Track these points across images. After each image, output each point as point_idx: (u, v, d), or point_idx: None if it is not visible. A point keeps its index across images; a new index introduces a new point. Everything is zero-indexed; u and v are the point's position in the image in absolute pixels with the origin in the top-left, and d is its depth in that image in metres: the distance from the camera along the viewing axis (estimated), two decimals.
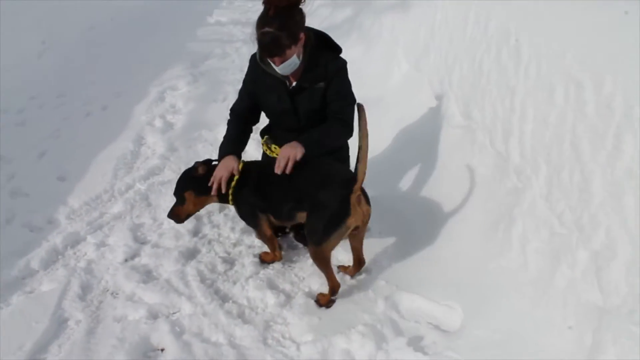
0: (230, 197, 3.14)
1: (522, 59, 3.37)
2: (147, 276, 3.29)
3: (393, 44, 5.69)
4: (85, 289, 3.19)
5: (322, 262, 2.98)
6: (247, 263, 3.40)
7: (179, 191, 3.20)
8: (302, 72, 3.16)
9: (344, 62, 3.22)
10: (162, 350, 2.79)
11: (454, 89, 4.21)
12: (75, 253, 3.53)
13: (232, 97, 5.92)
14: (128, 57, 7.48)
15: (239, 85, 3.43)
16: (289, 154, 2.98)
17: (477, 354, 2.58)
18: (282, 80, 3.21)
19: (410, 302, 3.04)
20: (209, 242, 3.61)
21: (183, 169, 3.37)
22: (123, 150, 4.75)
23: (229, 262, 3.43)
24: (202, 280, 3.25)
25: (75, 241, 3.62)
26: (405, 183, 4.02)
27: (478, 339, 2.70)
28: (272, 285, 3.21)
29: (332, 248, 2.94)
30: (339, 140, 3.32)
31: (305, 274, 3.32)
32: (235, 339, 2.82)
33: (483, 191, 3.44)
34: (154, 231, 3.72)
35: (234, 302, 3.10)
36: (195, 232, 3.69)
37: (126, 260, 3.43)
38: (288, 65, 3.03)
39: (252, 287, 3.19)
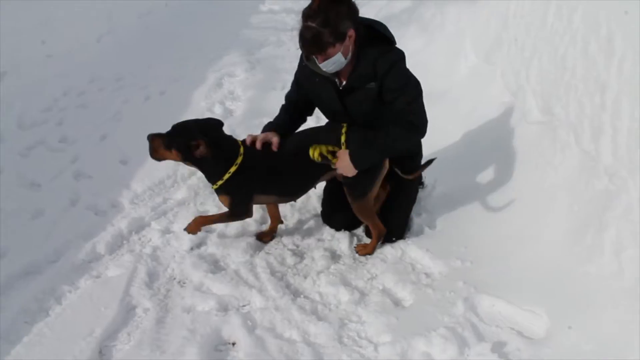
0: (223, 178, 2.98)
1: (614, 52, 3.11)
2: (215, 266, 3.16)
3: (459, 35, 5.43)
4: (152, 276, 3.08)
5: (369, 211, 3.12)
6: (317, 257, 3.24)
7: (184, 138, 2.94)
8: (352, 70, 2.90)
9: (398, 55, 2.89)
10: (234, 344, 2.65)
11: (531, 83, 3.96)
12: (140, 239, 3.43)
13: (289, 85, 5.87)
14: (183, 42, 7.42)
15: None
16: (343, 172, 2.98)
17: None
18: (331, 79, 2.97)
19: (490, 305, 2.82)
20: (279, 233, 3.48)
21: None
22: None
23: (298, 254, 3.29)
24: (272, 272, 3.10)
25: (139, 226, 3.52)
26: (478, 181, 3.80)
27: (567, 349, 2.49)
28: (344, 281, 3.04)
29: (374, 195, 3.11)
30: (406, 145, 3.06)
31: (377, 271, 3.14)
32: (309, 336, 2.66)
33: (566, 192, 3.19)
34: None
35: (305, 297, 2.95)
36: (263, 221, 3.56)
37: (192, 249, 3.31)
38: (331, 64, 2.77)
39: (324, 282, 3.03)
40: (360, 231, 3.49)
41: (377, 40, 2.91)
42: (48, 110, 5.10)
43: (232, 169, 2.94)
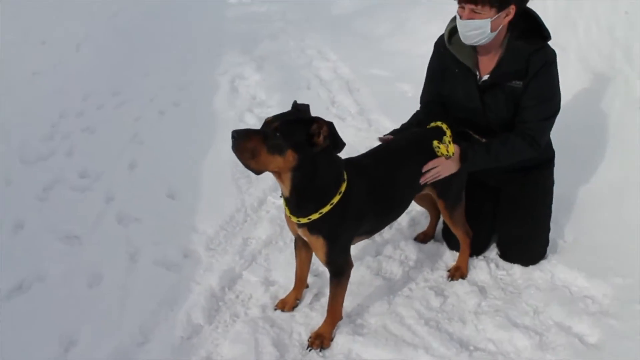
0: (321, 211, 2.10)
1: None
2: (354, 324, 2.46)
3: None
4: (281, 348, 2.34)
5: (463, 216, 2.66)
6: (462, 293, 2.64)
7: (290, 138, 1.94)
8: (497, 64, 2.44)
9: (552, 55, 2.43)
10: None
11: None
12: (237, 296, 2.66)
13: (315, 84, 5.14)
14: (168, 43, 6.48)
15: (316, 71, 2.70)
16: (438, 171, 2.40)
17: None
18: (472, 71, 2.50)
19: None
20: (401, 264, 2.81)
21: None
22: (229, 155, 3.80)
23: (439, 293, 2.64)
24: (426, 321, 2.44)
25: (230, 280, 2.74)
26: (596, 178, 3.28)
27: None
28: (512, 321, 2.44)
29: None
30: (519, 159, 2.57)
31: (537, 302, 2.56)
32: None
33: None
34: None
35: (477, 348, 2.34)
36: (377, 252, 2.88)
37: (311, 303, 2.59)
38: (473, 28, 2.31)
39: (490, 325, 2.43)
40: (494, 254, 2.88)
41: (528, 32, 2.41)
42: (50, 139, 4.13)
43: (335, 199, 2.11)
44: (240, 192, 3.42)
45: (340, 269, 2.28)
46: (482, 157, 2.45)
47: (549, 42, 2.44)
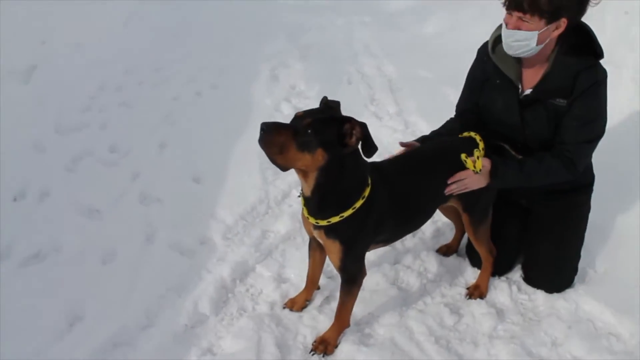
0: (343, 215, 2.00)
1: None
2: (362, 333, 2.37)
3: None
4: (283, 349, 2.28)
5: (488, 233, 2.53)
6: (478, 314, 2.50)
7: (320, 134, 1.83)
8: (542, 79, 2.28)
9: (603, 75, 2.25)
10: None
11: None
12: (248, 290, 2.61)
13: (357, 79, 5.02)
14: (212, 24, 6.45)
15: (359, 66, 2.59)
16: (465, 184, 2.27)
17: None
18: (514, 83, 2.35)
19: None
20: (419, 275, 2.70)
21: None
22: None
23: (454, 311, 2.52)
24: (436, 340, 2.34)
25: (243, 272, 2.70)
26: (632, 205, 3.07)
27: None
28: (527, 350, 2.31)
29: None
30: (555, 181, 2.41)
31: (557, 333, 2.40)
32: None
33: None
34: None
35: None
36: (395, 260, 2.78)
37: (320, 305, 2.51)
38: (518, 39, 2.15)
39: (502, 352, 2.30)
40: (517, 276, 2.74)
41: (579, 48, 2.24)
42: (87, 110, 4.17)
43: (358, 203, 2.01)
44: (266, 183, 3.36)
45: (353, 277, 2.19)
46: (513, 175, 2.31)
47: (601, 60, 2.28)
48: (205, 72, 5.02)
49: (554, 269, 2.59)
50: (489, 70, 2.42)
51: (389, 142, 3.93)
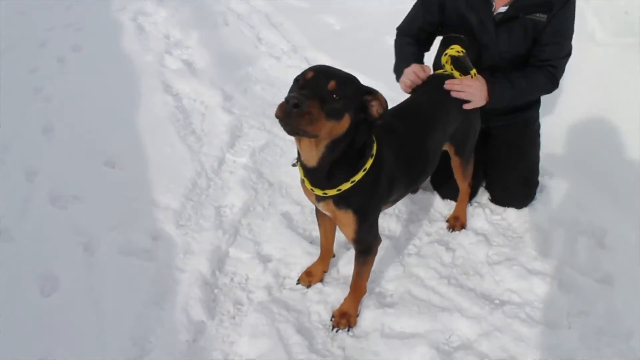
0: (353, 179, 1.74)
1: None
2: (375, 293, 2.19)
3: None
4: (306, 334, 2.02)
5: (472, 169, 2.46)
6: (467, 244, 2.47)
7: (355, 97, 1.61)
8: None
9: None
10: None
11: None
12: (232, 279, 2.25)
13: (233, 19, 4.53)
14: None
15: (227, 3, 2.45)
16: (470, 93, 2.15)
17: None
18: (487, 0, 2.25)
19: None
20: (397, 219, 2.56)
21: (265, 125, 2.71)
22: (165, 108, 3.23)
23: (444, 245, 2.45)
24: (448, 281, 2.26)
25: (219, 260, 2.31)
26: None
27: None
28: (525, 268, 2.35)
29: None
30: (539, 95, 2.48)
31: (542, 245, 2.47)
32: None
33: None
34: (311, 223, 2.53)
35: (502, 301, 2.20)
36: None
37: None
38: None
39: (508, 276, 2.31)
40: (484, 199, 2.73)
41: None
42: None
43: (368, 163, 1.75)
44: (193, 152, 2.89)
45: (369, 246, 1.96)
46: (507, 91, 2.24)
47: None
48: (56, 33, 4.12)
49: (521, 186, 2.63)
50: None
51: None
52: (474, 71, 2.17)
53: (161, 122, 3.06)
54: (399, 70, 2.36)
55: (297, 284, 2.23)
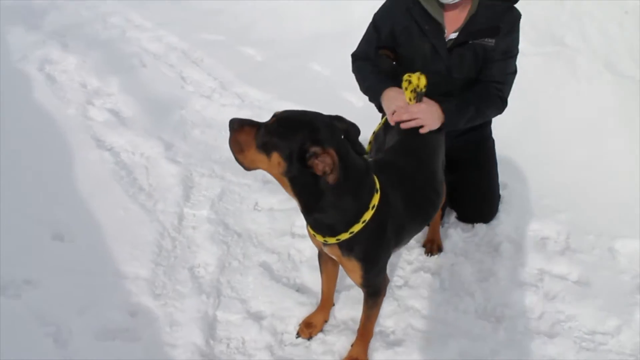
0: (352, 230, 1.68)
1: None
2: (379, 334, 2.16)
3: None
4: None
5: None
6: (447, 265, 2.50)
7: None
8: (468, 20, 2.28)
9: (519, 14, 2.35)
10: None
11: None
12: (228, 345, 2.10)
13: (149, 59, 4.34)
14: None
15: (137, 43, 2.47)
16: (421, 119, 2.12)
17: None
18: (442, 27, 2.29)
19: None
20: None
21: (216, 171, 2.80)
22: (104, 165, 2.99)
23: (428, 271, 2.47)
24: (443, 307, 2.27)
25: (209, 327, 2.16)
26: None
27: None
28: (510, 280, 2.44)
29: None
30: (488, 117, 2.54)
31: (518, 254, 2.59)
32: None
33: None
34: (293, 270, 2.46)
35: (497, 318, 2.27)
36: None
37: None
38: None
39: (495, 292, 2.38)
40: (452, 219, 2.80)
41: None
42: None
43: (368, 215, 1.68)
44: (148, 211, 2.70)
45: (377, 290, 1.92)
46: (462, 114, 2.26)
47: None
48: None
49: (485, 201, 2.72)
50: (415, 16, 2.29)
51: None
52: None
53: (104, 182, 2.83)
54: (375, 91, 2.32)
55: (297, 337, 2.14)
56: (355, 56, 2.54)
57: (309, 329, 2.15)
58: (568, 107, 3.29)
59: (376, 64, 2.46)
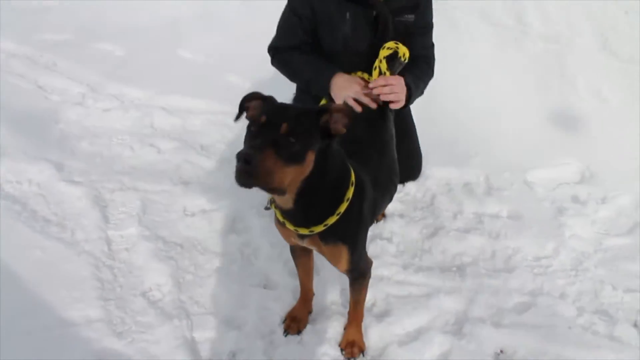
0: (337, 212, 1.65)
1: None
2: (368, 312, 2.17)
3: None
4: None
5: None
6: (395, 227, 2.59)
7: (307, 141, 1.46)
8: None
9: None
10: None
11: None
12: None
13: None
14: None
15: None
16: (397, 93, 2.09)
17: None
18: (364, 5, 2.22)
19: None
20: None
21: (125, 182, 2.64)
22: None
23: (381, 237, 2.54)
24: (407, 268, 2.36)
25: (192, 352, 1.98)
26: None
27: None
28: (457, 230, 2.63)
29: None
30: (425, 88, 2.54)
31: (453, 203, 2.77)
32: None
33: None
34: (251, 267, 2.37)
35: (459, 268, 2.44)
36: None
37: None
38: None
39: (448, 244, 2.54)
40: None
41: None
42: None
43: (350, 193, 1.66)
44: (69, 243, 2.36)
45: (363, 272, 1.92)
46: (418, 89, 2.26)
47: None
48: None
49: (413, 159, 2.82)
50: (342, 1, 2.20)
51: (124, 124, 3.24)
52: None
53: (1, 225, 2.41)
54: (319, 82, 2.20)
55: (286, 335, 2.07)
56: (275, 49, 2.36)
57: (295, 323, 2.09)
58: (451, 60, 3.51)
59: (304, 51, 2.32)
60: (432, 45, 2.42)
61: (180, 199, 2.71)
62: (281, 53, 2.35)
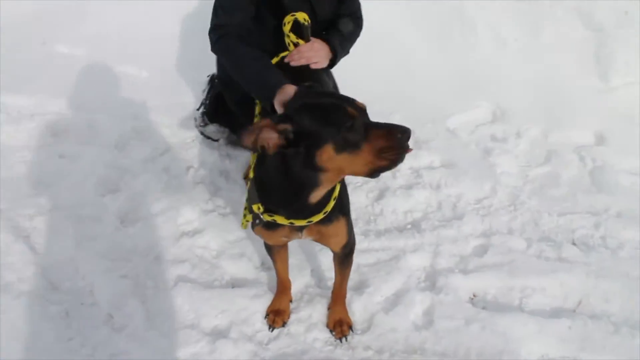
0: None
1: None
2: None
3: None
4: None
5: None
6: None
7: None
8: None
9: None
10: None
11: None
12: None
13: None
14: None
15: None
16: (313, 56, 2.14)
17: None
18: None
19: None
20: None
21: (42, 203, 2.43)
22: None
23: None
24: (383, 233, 2.39)
25: None
26: None
27: None
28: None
29: None
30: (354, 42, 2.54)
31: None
32: None
33: None
34: (213, 269, 2.26)
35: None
36: None
37: None
38: None
39: (404, 206, 2.59)
40: None
41: None
42: None
43: None
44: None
45: (353, 245, 1.93)
46: (344, 49, 2.29)
47: None
48: None
49: None
50: None
51: (19, 139, 2.89)
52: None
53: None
54: (262, 92, 1.88)
55: (272, 329, 2.03)
56: (221, 28, 2.10)
57: (279, 316, 2.06)
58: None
59: (256, 43, 2.11)
60: (359, 5, 2.43)
61: (113, 208, 2.48)
62: (228, 36, 2.09)
